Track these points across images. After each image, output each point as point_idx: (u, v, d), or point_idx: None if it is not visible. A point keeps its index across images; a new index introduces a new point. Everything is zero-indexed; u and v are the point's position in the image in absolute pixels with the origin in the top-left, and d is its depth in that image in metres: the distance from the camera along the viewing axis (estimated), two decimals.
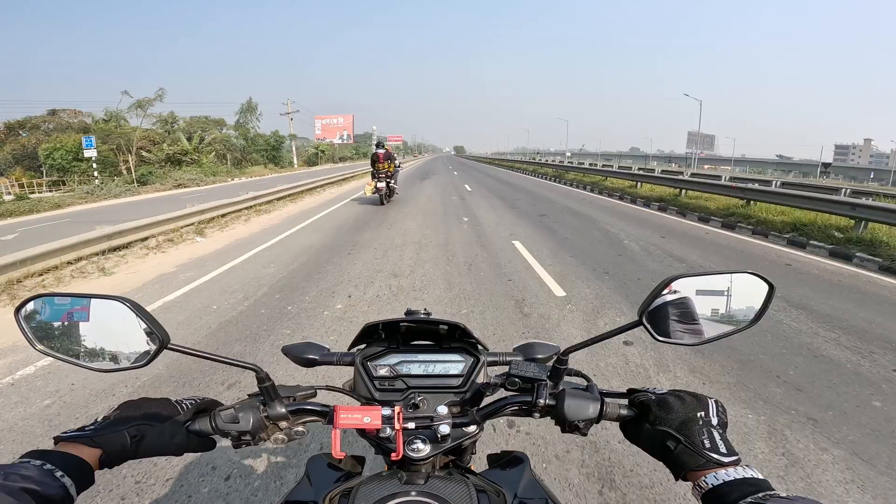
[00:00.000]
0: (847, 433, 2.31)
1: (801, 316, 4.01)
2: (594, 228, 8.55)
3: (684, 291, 0.60)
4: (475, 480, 0.67)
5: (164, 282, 5.32)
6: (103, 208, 14.85)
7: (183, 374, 3.00)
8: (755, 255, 6.62)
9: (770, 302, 0.60)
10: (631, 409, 0.64)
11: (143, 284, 5.25)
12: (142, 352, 0.56)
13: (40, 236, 8.58)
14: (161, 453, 0.60)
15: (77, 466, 0.51)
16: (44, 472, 0.47)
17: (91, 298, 0.57)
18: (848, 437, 2.28)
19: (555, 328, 3.70)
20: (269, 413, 0.66)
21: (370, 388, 0.76)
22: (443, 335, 0.79)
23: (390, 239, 7.46)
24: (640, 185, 15.46)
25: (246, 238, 7.98)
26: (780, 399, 2.64)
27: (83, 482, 0.51)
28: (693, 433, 0.56)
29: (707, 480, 0.51)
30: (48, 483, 0.47)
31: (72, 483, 0.49)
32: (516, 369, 0.68)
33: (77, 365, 0.56)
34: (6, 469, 0.45)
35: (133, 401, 0.62)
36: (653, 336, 0.60)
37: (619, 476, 1.98)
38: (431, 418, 0.66)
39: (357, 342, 0.82)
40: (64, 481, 0.48)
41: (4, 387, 2.97)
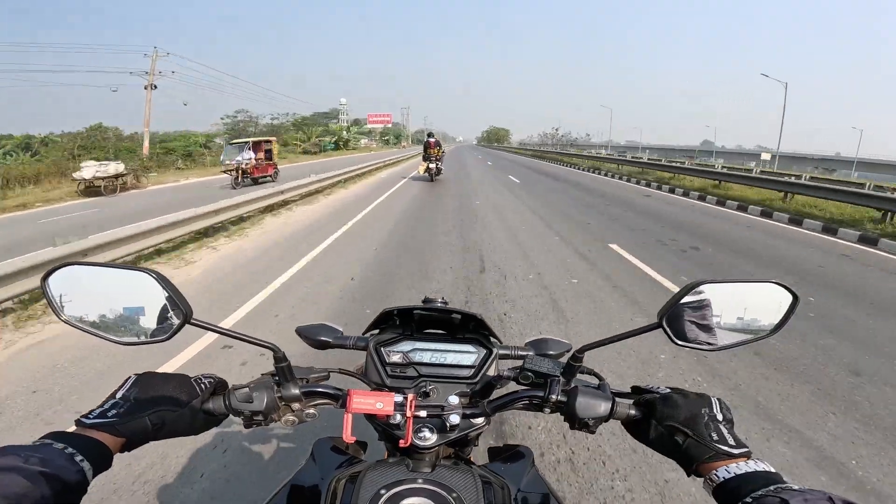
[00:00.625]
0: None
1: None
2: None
3: (706, 297, 0.60)
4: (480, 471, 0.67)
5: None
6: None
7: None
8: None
9: (792, 313, 0.60)
10: (637, 408, 0.65)
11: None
12: (164, 325, 0.57)
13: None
14: (179, 435, 0.60)
15: (97, 451, 0.50)
16: (64, 456, 0.47)
17: (117, 269, 0.57)
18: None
19: None
20: (282, 394, 0.66)
21: (382, 374, 0.76)
22: (456, 325, 0.79)
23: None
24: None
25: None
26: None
27: (100, 467, 0.51)
28: (700, 427, 0.56)
29: (718, 474, 0.52)
30: (67, 467, 0.46)
31: (90, 468, 0.48)
32: (531, 364, 0.68)
33: (100, 337, 0.56)
34: (26, 451, 0.45)
35: (152, 376, 0.61)
36: (671, 339, 0.60)
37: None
38: (442, 407, 0.67)
39: (372, 327, 0.82)
40: (83, 465, 0.47)
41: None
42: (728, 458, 0.53)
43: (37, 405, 2.59)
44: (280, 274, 4.95)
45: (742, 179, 12.88)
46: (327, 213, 9.31)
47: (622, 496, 1.87)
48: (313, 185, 11.66)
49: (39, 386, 2.79)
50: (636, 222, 8.25)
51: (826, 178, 19.11)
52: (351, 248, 6.11)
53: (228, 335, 0.59)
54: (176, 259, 5.71)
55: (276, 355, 0.65)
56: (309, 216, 8.90)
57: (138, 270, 0.55)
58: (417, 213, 9.13)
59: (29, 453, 0.44)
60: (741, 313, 0.60)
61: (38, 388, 2.78)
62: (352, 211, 9.34)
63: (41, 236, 7.03)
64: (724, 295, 0.60)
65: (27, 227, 9.03)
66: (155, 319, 0.57)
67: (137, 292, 0.56)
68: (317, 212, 9.44)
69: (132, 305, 0.57)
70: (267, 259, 5.66)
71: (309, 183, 11.33)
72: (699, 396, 0.60)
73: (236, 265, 5.43)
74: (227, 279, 4.89)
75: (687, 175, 15.67)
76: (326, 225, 7.88)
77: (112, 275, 0.57)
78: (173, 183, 17.79)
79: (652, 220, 8.57)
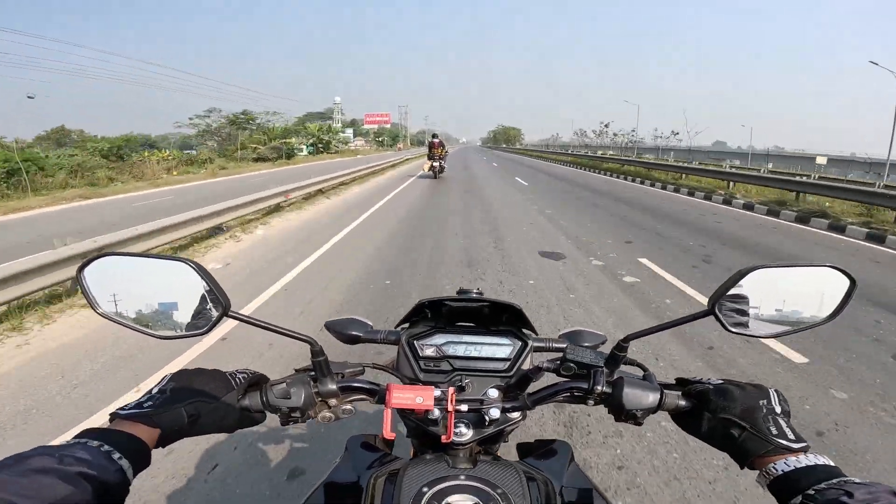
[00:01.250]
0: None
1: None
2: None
3: (759, 283, 0.58)
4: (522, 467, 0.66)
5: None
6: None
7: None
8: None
9: (850, 298, 0.58)
10: (688, 399, 0.63)
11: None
12: (202, 318, 0.55)
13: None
14: (215, 431, 0.58)
15: (135, 447, 0.48)
16: (101, 455, 0.44)
17: (155, 258, 0.56)
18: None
19: None
20: (319, 389, 0.64)
21: (415, 368, 0.74)
22: (489, 317, 0.78)
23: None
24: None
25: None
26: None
27: (140, 464, 0.48)
28: (758, 420, 0.54)
29: (777, 467, 0.50)
30: (106, 466, 0.43)
31: (129, 466, 0.46)
32: (573, 354, 0.67)
33: (137, 330, 0.55)
34: (61, 451, 0.42)
35: (187, 371, 0.60)
36: (724, 326, 0.58)
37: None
38: (482, 401, 0.65)
39: (404, 320, 0.80)
40: (121, 464, 0.45)
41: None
42: (787, 451, 0.51)
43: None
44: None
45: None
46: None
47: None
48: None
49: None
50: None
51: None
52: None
53: (266, 328, 0.58)
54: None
55: (312, 349, 0.63)
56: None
57: (177, 260, 0.54)
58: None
59: (64, 453, 0.42)
60: (796, 299, 0.58)
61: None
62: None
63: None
64: (778, 280, 0.58)
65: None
66: (192, 312, 0.55)
67: (175, 283, 0.54)
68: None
69: (169, 297, 0.55)
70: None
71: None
72: (756, 388, 0.58)
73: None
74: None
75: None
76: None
77: (149, 265, 0.56)
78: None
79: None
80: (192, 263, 0.53)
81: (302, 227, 7.94)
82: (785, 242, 7.20)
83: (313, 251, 6.10)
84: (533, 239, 6.87)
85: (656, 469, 2.00)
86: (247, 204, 7.98)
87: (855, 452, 2.16)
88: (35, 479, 0.38)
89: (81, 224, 8.61)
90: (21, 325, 3.69)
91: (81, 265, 0.54)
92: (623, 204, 11.06)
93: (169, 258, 0.54)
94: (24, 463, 0.40)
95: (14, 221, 9.81)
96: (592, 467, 1.99)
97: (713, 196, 12.50)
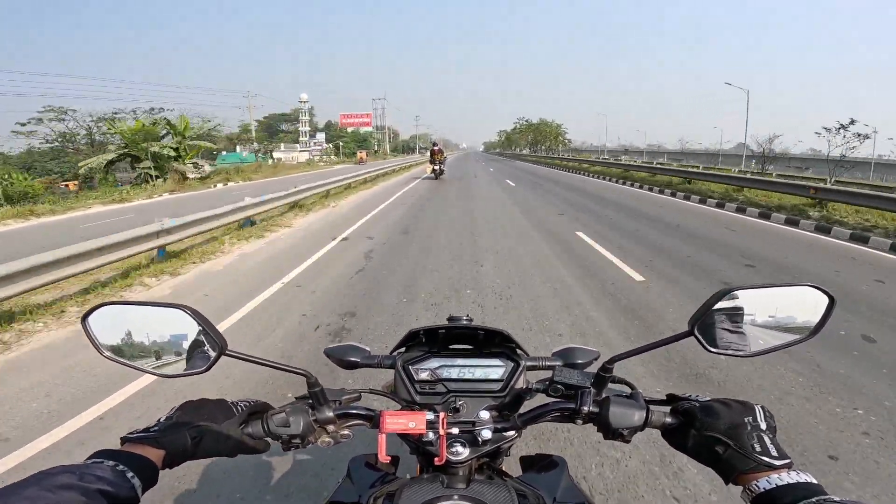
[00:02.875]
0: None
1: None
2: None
3: (738, 304, 0.59)
4: (514, 484, 0.67)
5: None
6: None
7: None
8: None
9: (829, 315, 0.58)
10: (675, 416, 0.64)
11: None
12: (201, 358, 0.58)
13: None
14: (217, 454, 0.62)
15: (145, 467, 0.53)
16: (116, 473, 0.49)
17: (153, 306, 0.59)
18: None
19: None
20: (317, 417, 0.67)
21: (411, 392, 0.77)
22: (482, 340, 0.80)
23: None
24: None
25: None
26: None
27: (149, 483, 0.52)
28: (742, 437, 0.55)
29: (759, 485, 0.51)
30: (120, 484, 0.48)
31: (140, 484, 0.50)
32: (560, 376, 0.68)
33: (141, 371, 0.58)
34: (81, 469, 0.47)
35: (193, 402, 0.63)
36: (704, 347, 0.59)
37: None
38: (473, 423, 0.67)
39: (399, 346, 0.83)
40: (133, 482, 0.50)
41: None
42: (770, 469, 0.52)
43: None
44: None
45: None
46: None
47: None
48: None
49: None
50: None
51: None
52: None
53: (262, 364, 0.61)
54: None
55: (308, 381, 0.66)
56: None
57: (172, 307, 0.57)
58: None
59: (83, 471, 0.47)
60: (775, 318, 0.59)
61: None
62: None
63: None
64: (757, 300, 0.59)
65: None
66: (191, 352, 0.59)
67: (173, 327, 0.58)
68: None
69: (169, 340, 0.58)
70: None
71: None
72: (742, 405, 0.59)
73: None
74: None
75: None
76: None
77: (147, 312, 0.59)
78: None
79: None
80: (188, 309, 0.56)
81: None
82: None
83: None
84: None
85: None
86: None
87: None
88: (60, 494, 0.43)
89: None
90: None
91: (85, 314, 0.57)
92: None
93: (166, 305, 0.57)
94: (50, 479, 0.44)
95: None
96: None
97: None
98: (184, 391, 2.77)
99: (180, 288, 5.13)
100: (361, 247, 6.88)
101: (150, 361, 0.59)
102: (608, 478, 2.00)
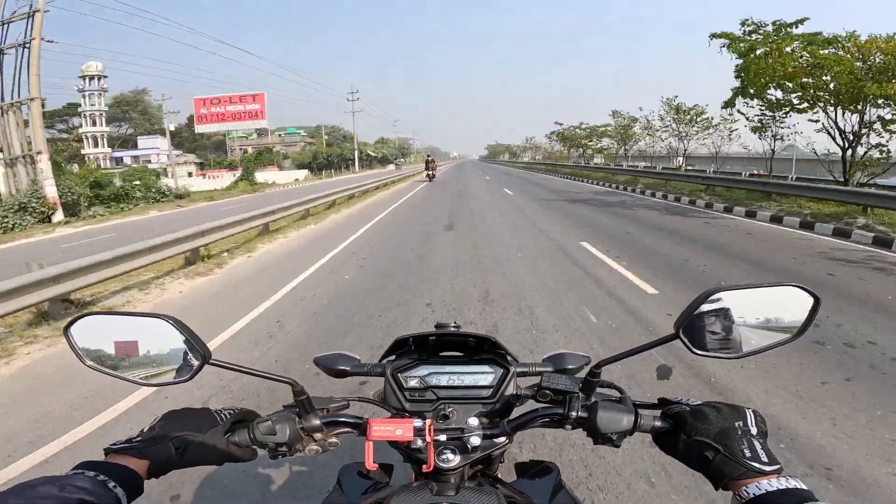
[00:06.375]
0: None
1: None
2: None
3: (724, 305, 0.58)
4: (505, 491, 0.67)
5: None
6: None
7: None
8: None
9: (815, 315, 0.58)
10: (665, 420, 0.63)
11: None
12: (185, 367, 0.58)
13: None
14: (203, 463, 0.62)
15: (128, 477, 0.52)
16: (98, 483, 0.49)
17: (135, 316, 0.59)
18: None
19: None
20: (304, 425, 0.67)
21: (401, 399, 0.76)
22: (472, 346, 0.79)
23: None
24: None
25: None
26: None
27: (133, 493, 0.52)
28: (732, 443, 0.54)
29: (748, 490, 0.50)
30: (102, 494, 0.48)
31: (123, 494, 0.50)
32: (548, 382, 0.68)
33: (124, 380, 0.58)
34: (62, 480, 0.47)
35: (176, 411, 0.63)
36: (690, 349, 0.59)
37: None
38: (462, 430, 0.67)
39: (388, 354, 0.82)
40: (116, 492, 0.49)
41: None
42: (759, 474, 0.51)
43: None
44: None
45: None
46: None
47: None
48: None
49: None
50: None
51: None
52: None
53: (247, 373, 0.60)
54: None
55: (294, 389, 0.65)
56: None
57: (155, 317, 0.57)
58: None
59: (65, 482, 0.46)
60: (761, 319, 0.59)
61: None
62: None
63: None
64: (742, 301, 0.59)
65: None
66: (175, 361, 0.58)
67: (157, 336, 0.58)
68: None
69: (152, 349, 0.58)
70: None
71: None
72: (733, 409, 0.58)
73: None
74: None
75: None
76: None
77: (130, 322, 0.59)
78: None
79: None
80: (171, 319, 0.56)
81: None
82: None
83: None
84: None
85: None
86: None
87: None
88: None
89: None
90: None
91: (67, 324, 0.57)
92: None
93: (148, 315, 0.57)
94: (31, 490, 0.44)
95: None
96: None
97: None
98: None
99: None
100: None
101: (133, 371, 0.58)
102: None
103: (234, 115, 42.12)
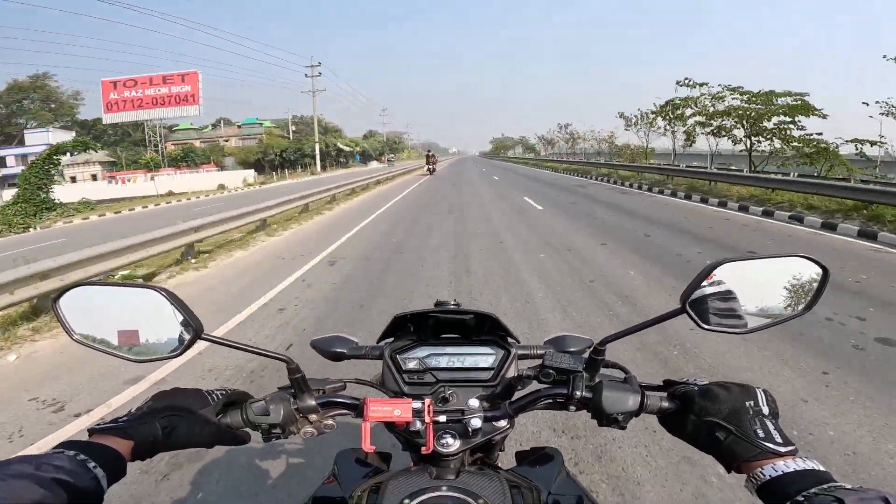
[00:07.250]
0: None
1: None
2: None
3: (730, 277, 0.57)
4: (507, 476, 0.65)
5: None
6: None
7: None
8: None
9: (824, 287, 0.57)
10: (672, 400, 0.61)
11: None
12: (176, 341, 0.56)
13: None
14: (192, 445, 0.59)
15: (110, 458, 0.51)
16: (77, 463, 0.47)
17: (127, 287, 0.57)
18: None
19: None
20: (299, 406, 0.65)
21: (399, 382, 0.74)
22: (472, 327, 0.78)
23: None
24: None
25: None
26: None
27: (115, 474, 0.50)
28: (744, 423, 0.53)
29: (764, 472, 0.49)
30: (80, 474, 0.46)
31: (104, 475, 0.48)
32: (550, 360, 0.66)
33: (113, 355, 0.56)
34: (39, 459, 0.45)
35: (166, 391, 0.61)
36: (697, 323, 0.57)
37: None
38: (462, 412, 0.65)
39: (386, 335, 0.81)
40: (96, 472, 0.48)
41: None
42: (774, 456, 0.50)
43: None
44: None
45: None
46: None
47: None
48: None
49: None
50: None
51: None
52: None
53: (240, 349, 0.59)
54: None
55: (289, 367, 0.64)
56: None
57: (147, 288, 0.55)
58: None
59: (42, 461, 0.45)
60: (769, 291, 0.57)
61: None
62: None
63: None
64: (749, 273, 0.57)
65: None
66: (166, 335, 0.57)
67: (147, 309, 0.56)
68: None
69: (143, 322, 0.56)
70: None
71: None
72: (742, 388, 0.56)
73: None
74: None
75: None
76: None
77: (121, 293, 0.57)
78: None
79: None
80: (163, 291, 0.55)
81: None
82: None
83: None
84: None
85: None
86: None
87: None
88: (13, 483, 0.41)
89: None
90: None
91: (56, 296, 0.55)
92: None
93: (140, 286, 0.56)
94: (5, 468, 0.43)
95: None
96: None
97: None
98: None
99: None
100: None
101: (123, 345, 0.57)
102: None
103: (156, 101, 33.09)
